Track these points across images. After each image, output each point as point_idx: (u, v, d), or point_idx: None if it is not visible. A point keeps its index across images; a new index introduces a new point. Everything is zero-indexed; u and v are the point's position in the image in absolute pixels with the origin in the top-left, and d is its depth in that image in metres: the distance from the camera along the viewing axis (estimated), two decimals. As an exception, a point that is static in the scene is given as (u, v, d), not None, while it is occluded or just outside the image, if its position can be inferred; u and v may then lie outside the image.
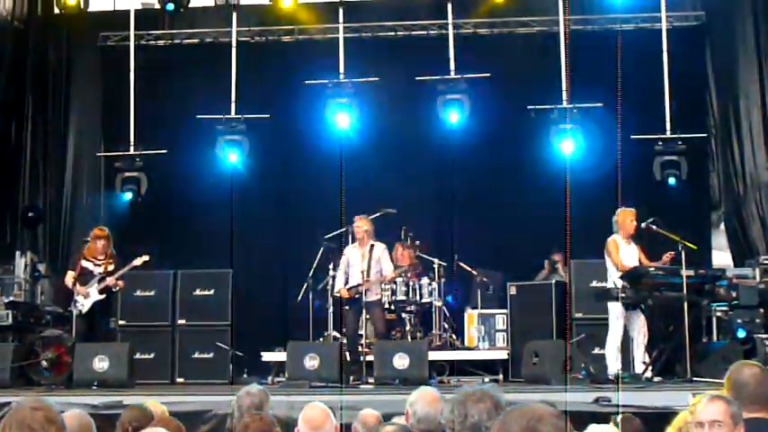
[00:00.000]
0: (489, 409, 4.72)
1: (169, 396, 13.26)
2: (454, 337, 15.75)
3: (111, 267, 14.00)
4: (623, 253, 13.27)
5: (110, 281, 13.97)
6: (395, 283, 15.05)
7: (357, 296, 14.20)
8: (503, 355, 15.29)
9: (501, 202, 17.00)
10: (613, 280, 13.17)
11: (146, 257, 14.17)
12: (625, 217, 13.41)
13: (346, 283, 14.34)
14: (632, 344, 13.36)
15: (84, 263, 14.06)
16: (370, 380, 13.58)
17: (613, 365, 13.12)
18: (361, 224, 14.34)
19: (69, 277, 14.06)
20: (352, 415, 7.39)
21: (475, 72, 16.62)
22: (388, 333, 15.01)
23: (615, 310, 13.16)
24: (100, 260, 14.05)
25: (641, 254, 13.48)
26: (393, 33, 17.89)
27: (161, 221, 17.40)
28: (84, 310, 13.99)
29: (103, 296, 14.03)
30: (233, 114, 16.84)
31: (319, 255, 15.65)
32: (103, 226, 14.64)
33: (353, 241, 14.63)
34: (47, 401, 4.68)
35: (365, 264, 14.29)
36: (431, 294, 15.56)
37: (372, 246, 14.40)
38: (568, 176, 14.57)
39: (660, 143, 16.17)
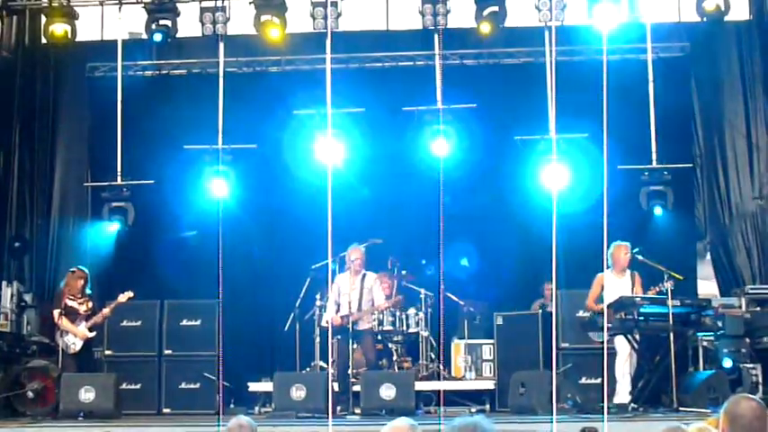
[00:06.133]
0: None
1: (156, 427, 13.29)
2: (441, 367, 15.74)
3: (90, 305, 14.21)
4: (610, 288, 13.41)
5: (97, 319, 14.18)
6: (381, 313, 15.07)
7: (347, 325, 14.24)
8: (489, 385, 15.31)
9: (488, 232, 17.03)
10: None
11: (130, 294, 14.30)
12: (618, 251, 13.67)
13: (337, 311, 14.39)
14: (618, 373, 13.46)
15: (68, 301, 14.22)
16: (357, 410, 13.58)
17: (624, 393, 13.24)
18: (355, 254, 14.43)
19: (58, 316, 14.17)
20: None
21: (461, 102, 16.66)
22: (378, 363, 15.04)
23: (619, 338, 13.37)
24: (80, 299, 14.23)
25: (638, 285, 13.60)
26: (380, 64, 17.94)
27: (148, 251, 17.38)
28: (77, 348, 14.11)
29: (94, 333, 14.22)
30: (220, 145, 16.85)
31: (306, 285, 15.69)
32: (83, 266, 14.76)
33: (341, 270, 14.67)
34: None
35: (357, 293, 14.36)
36: (417, 324, 15.59)
37: (365, 275, 14.49)
38: (555, 206, 14.62)
39: (646, 173, 16.23)
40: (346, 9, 16.77)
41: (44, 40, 17.70)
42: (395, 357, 15.50)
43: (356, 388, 13.94)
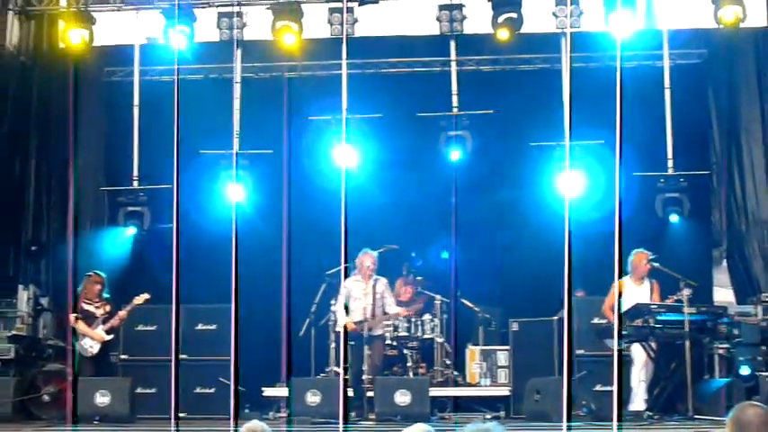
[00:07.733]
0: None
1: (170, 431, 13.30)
2: (456, 373, 15.72)
3: (108, 308, 14.24)
4: (628, 295, 13.38)
5: (114, 322, 14.21)
6: (397, 318, 15.08)
7: (361, 331, 14.25)
8: (504, 391, 15.29)
9: (503, 238, 17.03)
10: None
11: (146, 296, 14.32)
12: (640, 259, 13.66)
13: (347, 314, 14.39)
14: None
15: (84, 305, 14.27)
16: (371, 416, 13.57)
17: (639, 401, 13.22)
18: (368, 259, 14.46)
19: (74, 319, 14.23)
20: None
21: (477, 108, 16.66)
22: (384, 368, 15.02)
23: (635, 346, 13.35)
24: (97, 303, 14.27)
25: (656, 294, 13.59)
26: (396, 70, 17.95)
27: (164, 256, 17.38)
28: (95, 351, 14.16)
29: (111, 336, 14.26)
30: (236, 150, 16.87)
31: (322, 290, 15.69)
32: (100, 271, 14.78)
33: (350, 274, 14.67)
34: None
35: (370, 298, 14.37)
36: (432, 330, 15.58)
37: (376, 280, 14.50)
38: (568, 213, 14.60)
39: (662, 180, 16.20)
40: (362, 15, 16.77)
41: (62, 45, 17.74)
42: (410, 363, 15.48)
43: (371, 393, 13.94)
